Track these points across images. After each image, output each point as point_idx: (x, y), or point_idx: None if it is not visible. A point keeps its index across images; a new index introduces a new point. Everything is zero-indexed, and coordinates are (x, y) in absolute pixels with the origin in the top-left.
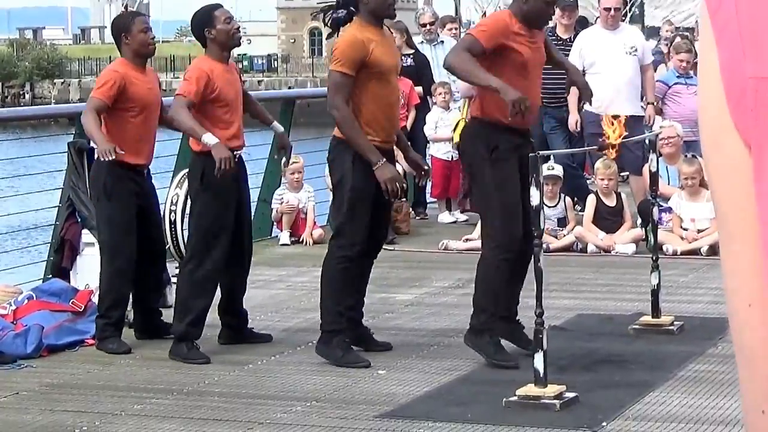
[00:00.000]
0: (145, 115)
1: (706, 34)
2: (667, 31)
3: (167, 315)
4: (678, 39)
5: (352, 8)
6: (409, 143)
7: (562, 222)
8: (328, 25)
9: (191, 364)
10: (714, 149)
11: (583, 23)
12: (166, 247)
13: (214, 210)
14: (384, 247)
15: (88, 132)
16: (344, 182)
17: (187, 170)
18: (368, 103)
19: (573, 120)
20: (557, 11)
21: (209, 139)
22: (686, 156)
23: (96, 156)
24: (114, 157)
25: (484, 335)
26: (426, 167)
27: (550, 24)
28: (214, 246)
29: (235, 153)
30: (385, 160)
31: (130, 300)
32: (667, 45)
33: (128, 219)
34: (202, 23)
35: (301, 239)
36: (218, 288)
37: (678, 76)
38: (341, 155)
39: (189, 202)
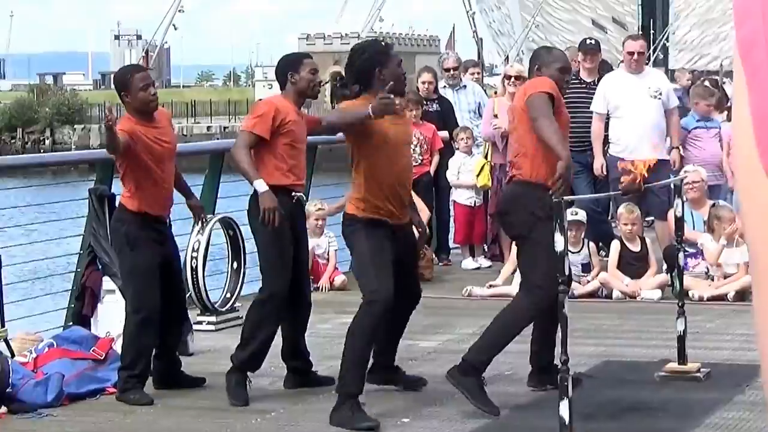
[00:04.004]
0: (157, 166)
1: (739, 76)
2: (687, 80)
3: (188, 363)
4: (699, 83)
5: (362, 86)
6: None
7: (586, 268)
8: (335, 100)
9: (225, 409)
10: (746, 193)
11: (606, 68)
12: (187, 294)
13: (277, 243)
14: None
15: (109, 142)
16: (362, 250)
17: (209, 216)
18: (377, 174)
19: (598, 164)
20: (579, 54)
21: (260, 186)
22: (713, 205)
23: (118, 202)
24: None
25: (471, 374)
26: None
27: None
28: (279, 278)
29: (294, 194)
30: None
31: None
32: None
33: (152, 268)
34: (288, 66)
35: (318, 285)
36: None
37: (698, 120)
38: (353, 227)
39: (209, 248)
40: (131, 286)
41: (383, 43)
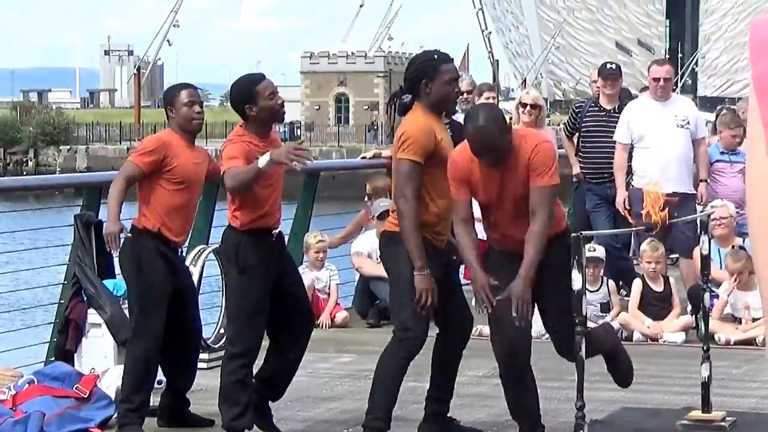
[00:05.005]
0: (187, 191)
1: (754, 114)
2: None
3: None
4: (725, 112)
5: (414, 94)
6: None
7: (605, 307)
8: (396, 112)
9: None
10: (763, 242)
11: (625, 94)
12: None
13: (252, 292)
14: None
15: (108, 201)
16: (402, 275)
17: (202, 246)
18: (436, 197)
19: (621, 198)
20: (599, 81)
21: (263, 159)
22: (732, 247)
23: (131, 224)
24: (117, 248)
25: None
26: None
27: (593, 94)
28: (252, 331)
29: (273, 232)
30: (428, 270)
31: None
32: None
33: (162, 296)
34: (243, 99)
35: (318, 322)
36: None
37: (722, 153)
38: (394, 247)
39: (202, 279)
40: (136, 311)
41: (436, 55)
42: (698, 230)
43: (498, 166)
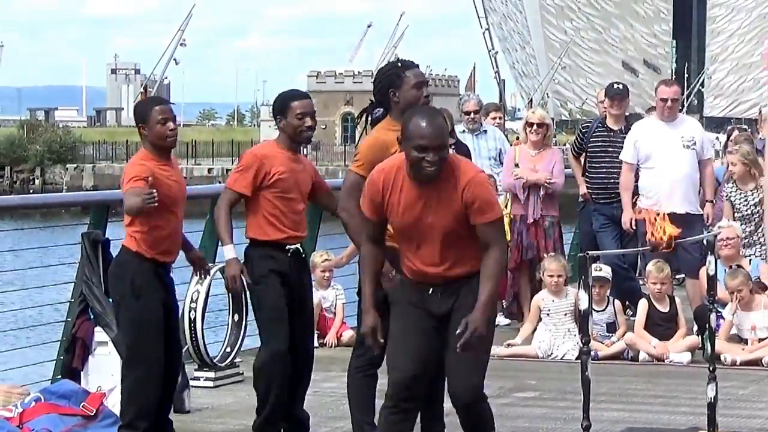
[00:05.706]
0: (172, 211)
1: None
2: None
3: (184, 422)
4: (736, 132)
5: (384, 107)
6: None
7: (611, 327)
8: (369, 126)
9: None
10: None
11: (636, 118)
12: (185, 348)
13: (268, 299)
14: None
15: (129, 209)
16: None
17: (209, 265)
18: None
19: (627, 217)
20: (606, 101)
21: (227, 252)
22: (730, 267)
23: (121, 245)
24: (155, 197)
25: None
26: None
27: (600, 114)
28: (277, 334)
29: (289, 248)
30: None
31: None
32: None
33: (157, 319)
34: (278, 109)
35: (325, 341)
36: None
37: None
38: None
39: (208, 298)
40: (132, 337)
41: (399, 63)
42: (704, 251)
43: (425, 187)
